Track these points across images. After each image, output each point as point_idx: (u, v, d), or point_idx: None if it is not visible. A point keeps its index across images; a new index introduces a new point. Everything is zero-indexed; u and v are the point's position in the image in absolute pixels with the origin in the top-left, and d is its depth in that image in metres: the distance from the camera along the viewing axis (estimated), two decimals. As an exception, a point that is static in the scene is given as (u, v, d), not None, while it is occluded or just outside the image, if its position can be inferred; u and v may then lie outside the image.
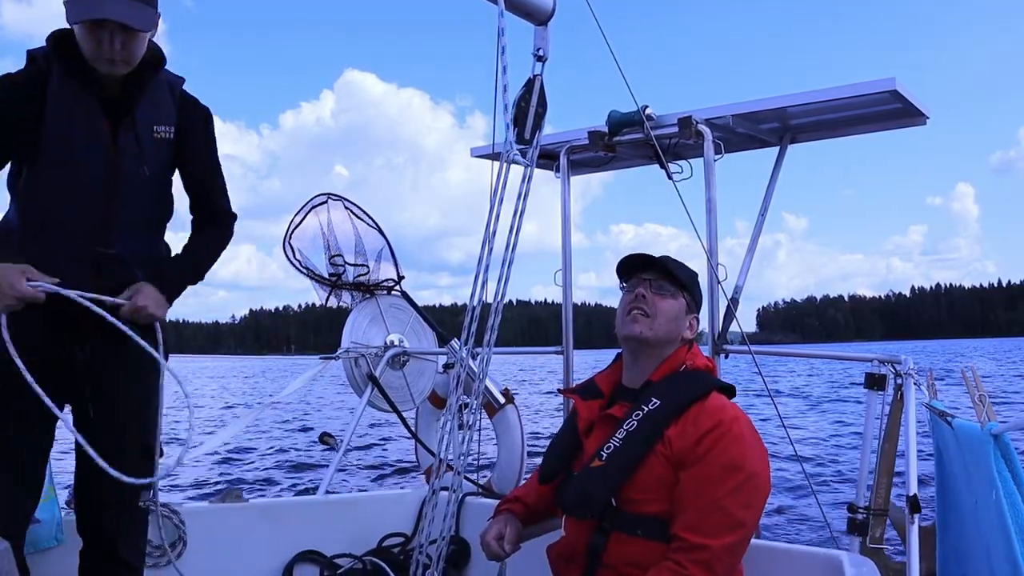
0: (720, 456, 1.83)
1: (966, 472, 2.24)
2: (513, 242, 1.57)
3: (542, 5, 1.65)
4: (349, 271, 4.19)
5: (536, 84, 1.60)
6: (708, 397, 1.93)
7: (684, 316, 2.08)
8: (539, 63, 1.63)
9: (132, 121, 2.13)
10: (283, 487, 9.80)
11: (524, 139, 1.60)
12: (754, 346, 3.28)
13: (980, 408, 2.12)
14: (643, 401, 1.94)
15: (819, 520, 6.61)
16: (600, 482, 1.88)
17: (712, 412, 1.89)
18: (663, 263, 2.08)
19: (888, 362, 2.84)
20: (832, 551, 2.24)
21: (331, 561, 3.01)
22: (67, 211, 2.10)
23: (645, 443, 1.88)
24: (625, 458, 1.88)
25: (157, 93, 2.19)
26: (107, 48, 2.01)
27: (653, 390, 1.97)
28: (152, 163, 2.17)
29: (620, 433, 1.91)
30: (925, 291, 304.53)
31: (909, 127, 3.56)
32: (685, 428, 1.87)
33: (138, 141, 2.14)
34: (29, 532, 2.23)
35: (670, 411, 1.90)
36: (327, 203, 4.27)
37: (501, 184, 1.53)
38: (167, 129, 2.20)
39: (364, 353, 3.94)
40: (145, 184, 2.18)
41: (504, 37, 1.48)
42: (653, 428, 1.88)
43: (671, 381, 1.99)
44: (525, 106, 1.58)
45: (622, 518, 1.88)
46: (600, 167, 4.21)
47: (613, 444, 1.90)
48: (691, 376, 2.01)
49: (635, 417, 1.91)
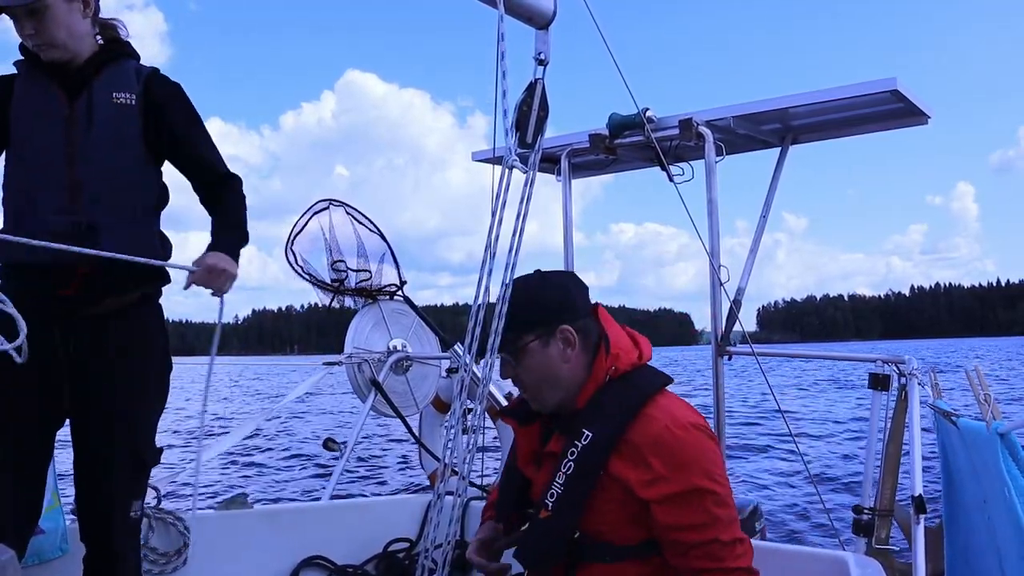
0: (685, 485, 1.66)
1: (973, 472, 2.24)
2: (516, 244, 1.55)
3: (543, 9, 1.63)
4: (351, 276, 4.20)
5: (538, 88, 1.59)
6: (643, 411, 1.72)
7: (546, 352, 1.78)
8: (540, 67, 1.61)
9: (89, 91, 2.15)
10: (288, 493, 9.80)
11: (526, 143, 1.60)
12: (757, 347, 3.28)
13: (985, 407, 2.12)
14: (575, 435, 1.74)
15: (824, 521, 6.62)
16: (551, 535, 1.76)
17: (653, 429, 1.69)
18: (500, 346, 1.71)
19: (892, 362, 2.84)
20: (838, 552, 2.24)
21: (337, 567, 3.01)
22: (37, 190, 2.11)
23: (587, 484, 1.72)
24: (569, 504, 1.73)
25: (118, 70, 2.22)
26: (23, 35, 2.11)
27: (581, 420, 1.75)
28: (106, 125, 2.15)
29: (559, 477, 1.74)
30: (925, 290, 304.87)
31: (911, 127, 3.56)
32: (631, 454, 1.70)
33: (91, 105, 2.14)
34: (34, 543, 2.22)
35: (604, 441, 1.71)
36: (328, 208, 4.27)
37: (504, 189, 1.52)
38: (127, 96, 2.18)
39: (367, 358, 3.94)
40: (101, 145, 2.14)
41: (504, 42, 1.46)
42: (592, 466, 1.71)
43: (597, 402, 1.76)
44: (527, 110, 1.58)
45: (586, 550, 1.76)
46: (601, 170, 4.21)
47: (555, 491, 1.74)
48: (619, 387, 1.77)
49: (571, 456, 1.73)
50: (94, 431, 2.13)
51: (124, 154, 2.18)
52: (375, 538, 3.11)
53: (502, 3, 1.47)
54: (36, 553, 2.37)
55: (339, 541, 3.06)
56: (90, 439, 2.13)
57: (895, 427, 2.76)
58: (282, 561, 2.94)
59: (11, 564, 1.82)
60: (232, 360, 39.34)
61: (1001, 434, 1.97)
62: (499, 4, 1.47)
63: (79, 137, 2.13)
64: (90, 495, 2.14)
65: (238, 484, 10.32)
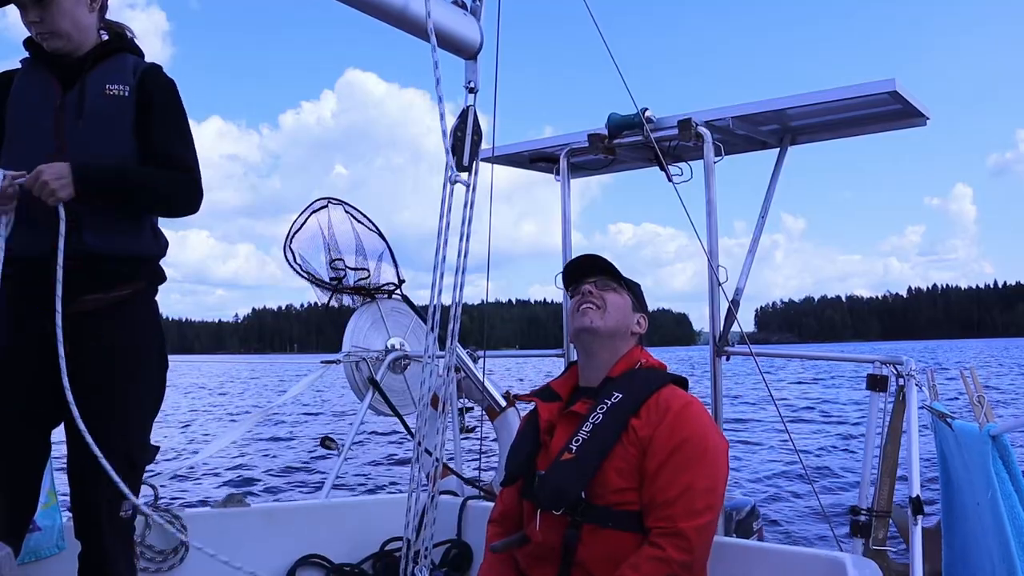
0: (683, 438, 1.93)
1: (968, 473, 2.24)
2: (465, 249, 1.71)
3: (470, 41, 1.81)
4: (350, 275, 4.20)
5: (470, 114, 1.73)
6: (665, 388, 2.04)
7: (632, 312, 2.18)
8: (471, 95, 1.78)
9: (82, 82, 2.14)
10: (285, 491, 9.79)
11: (463, 166, 1.70)
12: (755, 347, 3.28)
13: (979, 409, 2.12)
14: (605, 395, 2.04)
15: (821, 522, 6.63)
16: (573, 474, 1.95)
17: (671, 399, 2.00)
18: (605, 263, 2.21)
19: (890, 363, 2.84)
20: (835, 553, 2.23)
21: (334, 565, 3.01)
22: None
23: (613, 433, 1.96)
24: (596, 448, 1.96)
25: (115, 63, 2.21)
26: (28, 22, 2.11)
27: (614, 384, 2.07)
28: (96, 117, 2.13)
29: (587, 426, 1.99)
30: (922, 292, 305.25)
31: (909, 128, 3.56)
32: (648, 417, 1.97)
33: (82, 96, 2.12)
34: (30, 540, 2.21)
35: (632, 402, 2.00)
36: (327, 207, 4.27)
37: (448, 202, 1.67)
38: (121, 88, 2.16)
39: (365, 357, 3.94)
40: (90, 137, 2.11)
41: (439, 70, 1.62)
42: (619, 419, 1.98)
43: (629, 376, 2.09)
44: (461, 135, 1.68)
45: (593, 511, 1.94)
46: (600, 170, 4.21)
47: (581, 437, 1.98)
48: (647, 372, 2.11)
49: (600, 410, 2.01)
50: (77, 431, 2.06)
51: (114, 145, 2.15)
52: (372, 537, 3.11)
53: (434, 37, 1.62)
54: (33, 551, 2.37)
55: (336, 540, 3.05)
56: (76, 439, 2.08)
57: (893, 428, 2.77)
58: (279, 560, 2.94)
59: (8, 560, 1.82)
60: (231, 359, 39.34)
61: (993, 436, 1.97)
62: (431, 37, 1.62)
63: (68, 126, 2.11)
64: (81, 494, 2.12)
65: (235, 482, 10.32)
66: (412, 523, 1.73)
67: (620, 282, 2.20)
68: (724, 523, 3.21)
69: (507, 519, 2.21)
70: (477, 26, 1.83)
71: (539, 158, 4.04)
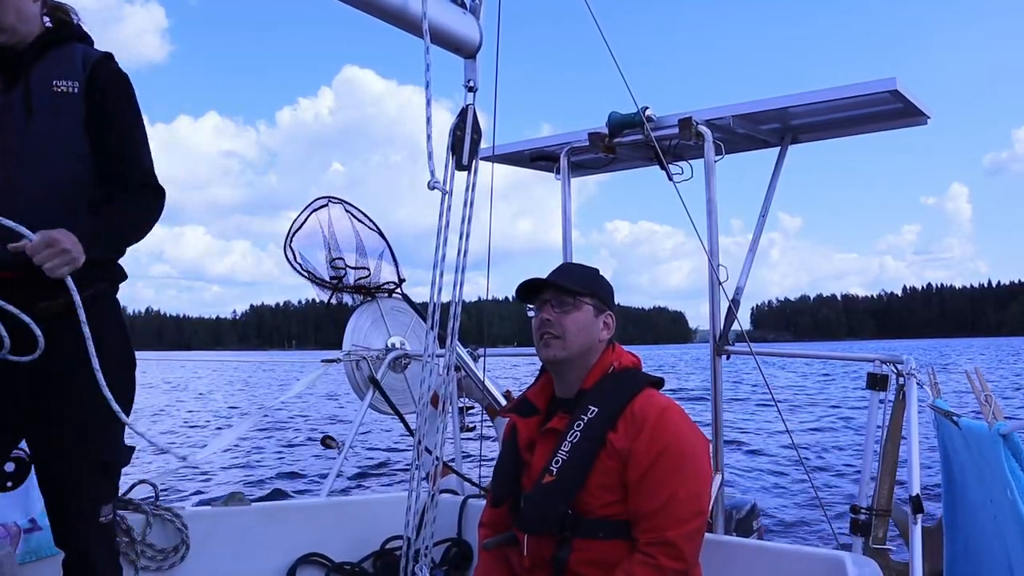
0: (661, 449, 1.92)
1: (977, 472, 2.23)
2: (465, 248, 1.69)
3: (469, 40, 1.77)
4: (350, 273, 4.20)
5: (469, 113, 1.70)
6: (640, 395, 2.01)
7: (595, 321, 2.10)
8: (470, 94, 1.75)
9: (27, 79, 1.99)
10: (286, 490, 9.79)
11: (463, 166, 1.67)
12: (755, 346, 3.28)
13: (987, 408, 2.11)
14: (581, 410, 2.01)
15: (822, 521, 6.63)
16: (555, 496, 1.95)
17: (646, 408, 1.97)
18: (554, 282, 2.11)
19: (890, 362, 2.84)
20: (835, 552, 2.24)
21: (335, 564, 3.01)
22: None
23: (591, 450, 1.95)
24: (575, 469, 1.94)
25: (62, 55, 2.05)
26: None
27: (588, 397, 2.03)
28: (45, 115, 1.98)
29: (565, 445, 1.97)
30: (917, 291, 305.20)
31: (910, 127, 3.56)
32: (625, 429, 1.95)
33: (28, 93, 1.97)
34: (30, 540, 2.20)
35: (609, 415, 1.97)
36: (327, 205, 4.27)
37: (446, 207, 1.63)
38: (70, 84, 2.01)
39: (365, 356, 3.93)
40: (38, 139, 1.97)
41: (430, 72, 1.57)
42: (596, 435, 1.96)
43: (603, 385, 2.05)
44: (461, 135, 1.65)
45: (581, 525, 1.95)
46: (600, 169, 4.20)
47: (560, 457, 1.97)
48: (621, 376, 2.08)
49: (577, 427, 1.98)
50: (49, 438, 2.01)
51: (64, 146, 2.01)
52: (372, 535, 3.11)
53: (428, 34, 1.56)
54: (33, 550, 2.37)
55: (337, 538, 3.06)
56: (48, 446, 2.02)
57: (893, 427, 2.77)
58: (279, 558, 2.94)
59: (7, 560, 1.82)
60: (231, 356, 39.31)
61: (1003, 435, 1.97)
62: (425, 35, 1.56)
63: (13, 127, 1.96)
64: (57, 505, 2.04)
65: (236, 481, 10.32)
66: (412, 522, 1.72)
67: (575, 295, 2.09)
68: (724, 522, 3.21)
69: (497, 523, 2.21)
70: (476, 25, 1.81)
71: (539, 157, 4.04)
